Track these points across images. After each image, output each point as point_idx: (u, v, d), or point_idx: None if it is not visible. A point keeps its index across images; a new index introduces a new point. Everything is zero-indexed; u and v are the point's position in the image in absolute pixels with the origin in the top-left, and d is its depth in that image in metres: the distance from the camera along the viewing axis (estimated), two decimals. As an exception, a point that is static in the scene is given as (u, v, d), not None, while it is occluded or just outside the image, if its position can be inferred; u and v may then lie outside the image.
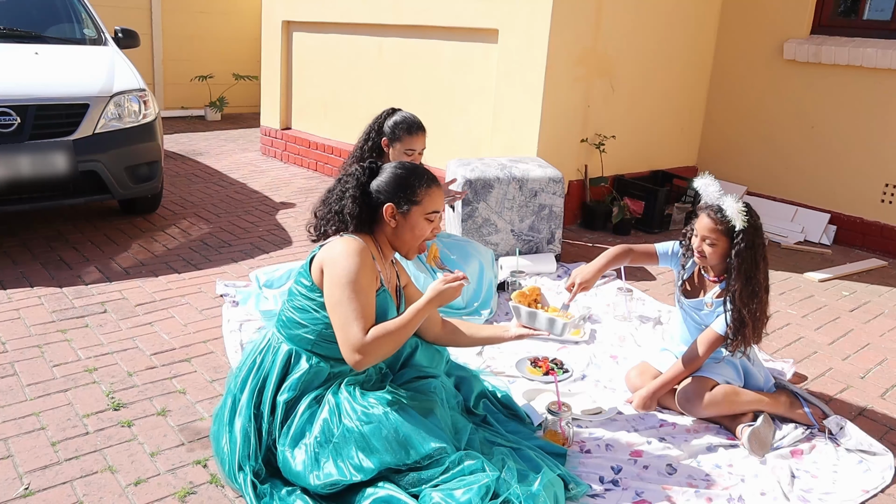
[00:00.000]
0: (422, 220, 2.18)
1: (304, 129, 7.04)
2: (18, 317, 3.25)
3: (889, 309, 3.98)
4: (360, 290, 2.01)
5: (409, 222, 2.17)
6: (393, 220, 2.17)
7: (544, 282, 4.05)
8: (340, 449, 1.99)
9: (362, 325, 1.99)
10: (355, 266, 2.02)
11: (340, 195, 2.18)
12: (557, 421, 2.37)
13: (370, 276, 2.06)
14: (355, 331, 1.98)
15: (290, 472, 2.04)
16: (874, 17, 5.12)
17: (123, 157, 4.30)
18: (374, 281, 2.10)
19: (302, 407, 2.09)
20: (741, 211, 2.47)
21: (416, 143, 3.43)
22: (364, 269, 2.04)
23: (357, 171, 2.21)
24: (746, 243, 2.48)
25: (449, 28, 5.30)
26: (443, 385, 2.28)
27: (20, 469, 2.20)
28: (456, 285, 2.08)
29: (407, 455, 1.97)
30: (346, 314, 1.99)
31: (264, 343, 2.25)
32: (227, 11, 9.47)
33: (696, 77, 5.83)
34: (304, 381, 2.13)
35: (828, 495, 2.27)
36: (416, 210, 2.17)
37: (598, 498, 2.17)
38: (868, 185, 5.10)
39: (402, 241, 2.21)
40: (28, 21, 4.91)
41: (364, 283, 2.03)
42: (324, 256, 2.09)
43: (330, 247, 2.10)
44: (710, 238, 2.54)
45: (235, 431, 2.13)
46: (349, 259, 2.03)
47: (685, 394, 2.60)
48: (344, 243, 2.08)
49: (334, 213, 2.17)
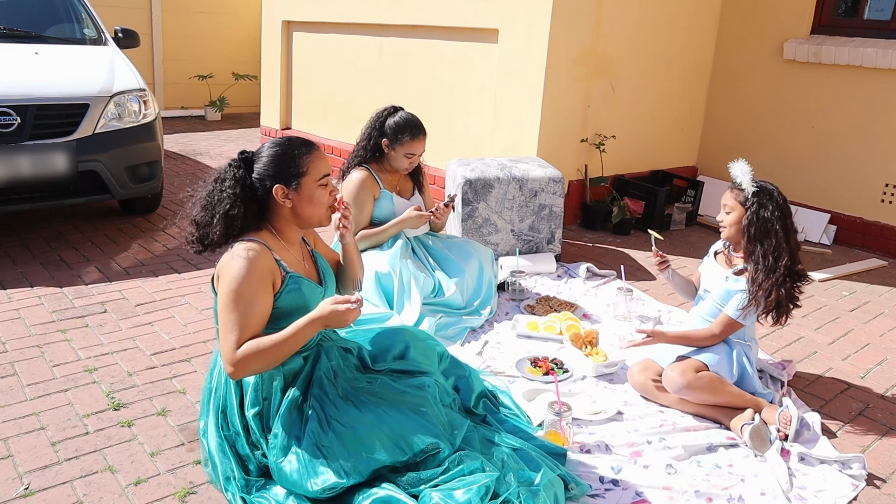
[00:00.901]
0: (316, 188, 2.13)
1: (304, 129, 7.04)
2: (18, 317, 3.25)
3: (889, 309, 3.98)
4: (240, 299, 1.97)
5: (303, 195, 2.12)
6: (287, 199, 2.11)
7: (544, 281, 4.05)
8: (334, 453, 1.96)
9: (236, 337, 1.95)
10: (238, 273, 1.97)
11: (221, 197, 2.07)
12: (557, 421, 2.37)
13: (258, 280, 2.00)
14: (229, 343, 1.96)
15: (286, 482, 2.00)
16: (874, 17, 5.12)
17: (123, 157, 4.30)
18: (266, 282, 2.03)
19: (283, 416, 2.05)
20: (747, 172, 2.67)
21: (417, 147, 3.42)
22: (250, 275, 1.98)
23: (232, 168, 2.11)
24: (757, 207, 2.62)
25: (449, 28, 5.30)
26: (436, 382, 2.27)
27: (20, 469, 2.20)
28: (343, 308, 1.94)
29: (401, 452, 1.97)
30: (223, 324, 1.98)
31: (214, 364, 2.23)
32: (227, 11, 9.47)
33: (696, 77, 5.83)
34: (261, 391, 2.09)
35: (822, 492, 2.27)
36: (306, 181, 2.11)
37: (598, 498, 2.17)
38: (868, 185, 5.10)
39: (305, 216, 2.15)
40: (28, 21, 4.91)
41: (246, 292, 1.97)
42: (219, 266, 2.07)
43: (224, 256, 2.07)
44: (728, 205, 2.72)
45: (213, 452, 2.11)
46: (232, 267, 1.99)
47: (672, 370, 2.65)
48: (233, 251, 2.04)
49: (220, 218, 2.06)
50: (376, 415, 2.02)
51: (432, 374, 2.30)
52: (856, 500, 2.27)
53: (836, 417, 2.78)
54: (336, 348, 2.26)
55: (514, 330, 3.34)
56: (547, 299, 3.71)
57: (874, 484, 2.37)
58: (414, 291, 3.26)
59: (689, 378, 2.59)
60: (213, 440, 2.12)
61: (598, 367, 2.95)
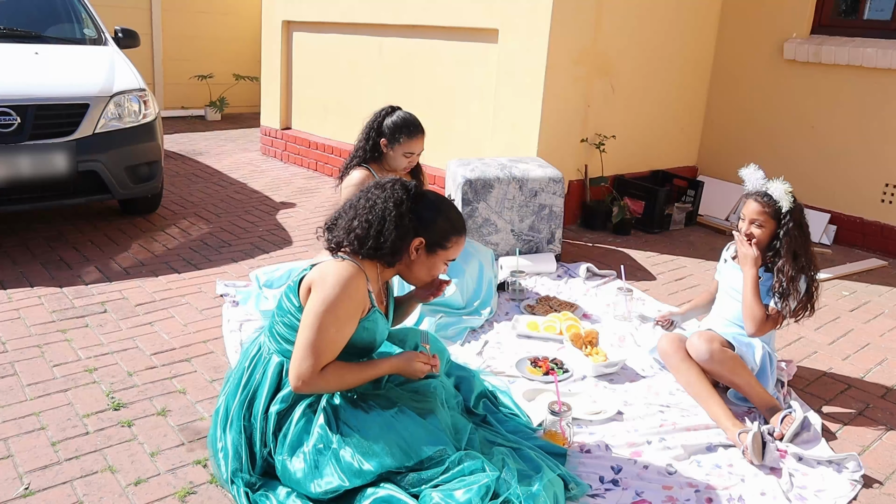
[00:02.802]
0: (441, 263, 2.17)
1: (304, 129, 7.04)
2: (18, 317, 3.25)
3: (889, 309, 3.98)
4: (335, 322, 1.96)
5: (429, 262, 2.14)
6: (415, 253, 2.11)
7: (544, 281, 4.05)
8: (339, 455, 1.97)
9: (321, 359, 1.96)
10: (340, 296, 1.96)
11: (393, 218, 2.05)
12: (557, 421, 2.37)
13: (354, 307, 2.00)
14: (310, 363, 1.96)
15: (290, 481, 2.02)
16: (874, 17, 5.12)
17: (123, 157, 4.30)
18: (358, 311, 2.03)
19: (296, 415, 2.06)
20: (788, 192, 2.67)
21: (415, 146, 3.42)
22: (348, 300, 1.97)
23: (404, 193, 2.10)
24: (795, 222, 2.68)
25: (449, 28, 5.30)
26: (442, 385, 2.28)
27: (20, 469, 2.20)
28: (425, 368, 2.14)
29: (407, 458, 1.97)
30: (308, 340, 1.96)
31: (256, 352, 2.22)
32: (227, 11, 9.47)
33: (696, 77, 5.83)
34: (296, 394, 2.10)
35: (821, 492, 2.27)
36: (440, 254, 2.14)
37: (598, 498, 2.17)
38: (868, 185, 5.10)
39: (412, 275, 2.18)
40: (28, 21, 4.91)
41: (341, 315, 1.97)
42: (314, 277, 2.03)
43: (322, 268, 2.03)
44: (758, 220, 2.72)
45: (227, 444, 2.11)
46: (336, 288, 1.96)
47: (699, 336, 2.70)
48: (337, 268, 2.00)
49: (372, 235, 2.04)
50: (385, 419, 2.02)
51: (438, 376, 2.30)
52: (855, 500, 2.27)
53: (836, 417, 2.78)
54: None
55: (514, 330, 3.34)
56: (547, 299, 3.71)
57: (874, 484, 2.37)
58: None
59: (714, 348, 2.64)
60: (230, 434, 2.12)
61: (598, 367, 2.95)
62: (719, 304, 2.99)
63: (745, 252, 2.74)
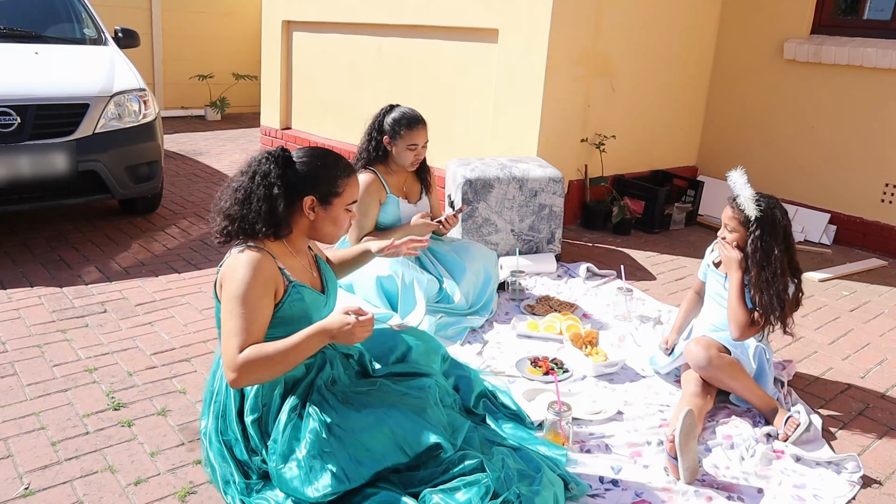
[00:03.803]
0: (343, 210, 2.15)
1: (304, 129, 7.04)
2: (18, 317, 3.25)
3: (889, 309, 3.98)
4: (246, 304, 1.94)
5: (329, 215, 2.12)
6: (311, 212, 2.10)
7: (544, 281, 4.05)
8: (335, 458, 1.93)
9: (239, 341, 1.91)
10: (243, 280, 1.95)
11: (260, 193, 2.04)
12: (557, 421, 2.37)
13: (262, 287, 1.98)
14: (231, 347, 1.91)
15: (287, 489, 1.98)
16: (874, 17, 5.12)
17: (123, 157, 4.30)
18: (269, 289, 2.01)
19: (282, 421, 2.02)
20: (754, 200, 2.61)
21: (417, 137, 3.40)
22: (254, 281, 1.95)
23: (270, 162, 2.07)
24: (760, 232, 2.61)
25: (449, 28, 5.30)
26: (437, 384, 2.26)
27: (20, 469, 2.20)
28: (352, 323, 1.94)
29: (403, 454, 1.96)
30: (226, 330, 1.95)
31: (216, 368, 2.21)
32: (227, 11, 9.47)
33: (696, 77, 5.83)
34: (262, 397, 2.07)
35: (820, 492, 2.27)
36: (337, 202, 2.12)
37: (598, 498, 2.17)
38: (868, 185, 5.10)
39: (323, 233, 2.15)
40: (28, 21, 4.91)
41: (252, 298, 1.95)
42: (223, 272, 2.04)
43: (227, 262, 2.04)
44: (729, 225, 2.72)
45: (212, 457, 2.11)
46: (240, 271, 1.96)
47: (696, 343, 2.67)
48: (238, 257, 2.01)
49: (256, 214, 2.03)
50: (377, 417, 2.00)
51: (433, 375, 2.29)
52: (854, 500, 2.27)
53: (836, 417, 2.78)
54: (339, 356, 2.26)
55: (514, 330, 3.34)
56: (547, 299, 3.71)
57: (874, 484, 2.37)
58: (418, 293, 3.25)
59: (711, 354, 2.61)
60: (212, 444, 2.12)
61: (598, 367, 2.95)
62: (706, 309, 2.95)
63: (728, 255, 2.72)
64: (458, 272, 3.51)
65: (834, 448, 2.54)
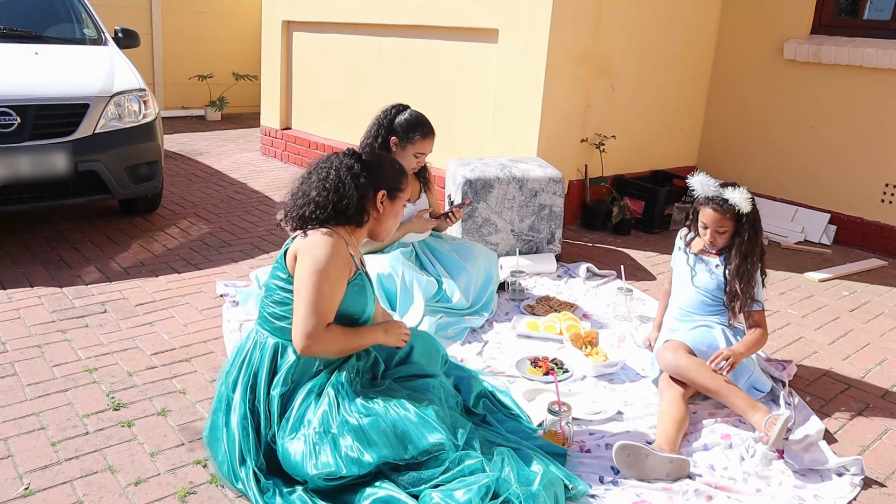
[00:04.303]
0: (401, 206, 2.35)
1: (304, 129, 7.04)
2: (18, 317, 3.25)
3: (889, 309, 3.98)
4: (327, 279, 2.06)
5: (394, 208, 2.31)
6: (381, 206, 2.27)
7: (544, 281, 4.05)
8: (339, 441, 1.99)
9: (324, 316, 2.06)
10: (326, 255, 2.07)
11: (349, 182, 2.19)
12: (557, 421, 2.37)
13: (341, 266, 2.11)
14: (315, 320, 2.04)
15: (288, 464, 2.04)
16: (874, 17, 5.12)
17: (123, 157, 4.29)
18: (346, 271, 2.14)
19: (299, 399, 2.10)
20: (746, 198, 2.71)
21: (427, 146, 3.37)
22: (335, 258, 2.08)
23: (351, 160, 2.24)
24: (749, 224, 2.73)
25: (449, 28, 5.30)
26: (441, 385, 2.29)
27: (20, 469, 2.20)
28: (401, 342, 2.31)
29: (405, 450, 1.98)
30: (306, 300, 2.05)
31: (250, 341, 2.25)
32: (227, 11, 9.47)
33: (696, 77, 5.83)
34: (294, 373, 2.14)
35: (821, 493, 2.27)
36: (401, 196, 2.32)
37: (598, 498, 2.17)
38: (868, 185, 5.10)
39: (383, 227, 2.33)
40: (28, 21, 4.91)
41: (333, 274, 2.07)
42: (299, 245, 2.13)
43: (306, 238, 2.14)
44: (721, 227, 2.76)
45: (233, 427, 2.13)
46: (324, 248, 2.08)
47: (665, 349, 2.75)
48: (319, 234, 2.13)
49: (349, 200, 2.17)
50: (384, 411, 2.04)
51: (437, 375, 2.32)
52: (855, 501, 2.27)
53: (836, 417, 2.78)
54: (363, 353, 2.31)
55: (514, 330, 3.35)
56: (547, 299, 3.71)
57: (874, 485, 2.37)
58: (417, 293, 3.25)
59: (678, 357, 2.66)
60: (235, 417, 2.13)
61: (598, 367, 2.95)
62: (675, 294, 3.00)
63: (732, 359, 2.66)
64: (458, 272, 3.51)
65: (834, 449, 2.54)
